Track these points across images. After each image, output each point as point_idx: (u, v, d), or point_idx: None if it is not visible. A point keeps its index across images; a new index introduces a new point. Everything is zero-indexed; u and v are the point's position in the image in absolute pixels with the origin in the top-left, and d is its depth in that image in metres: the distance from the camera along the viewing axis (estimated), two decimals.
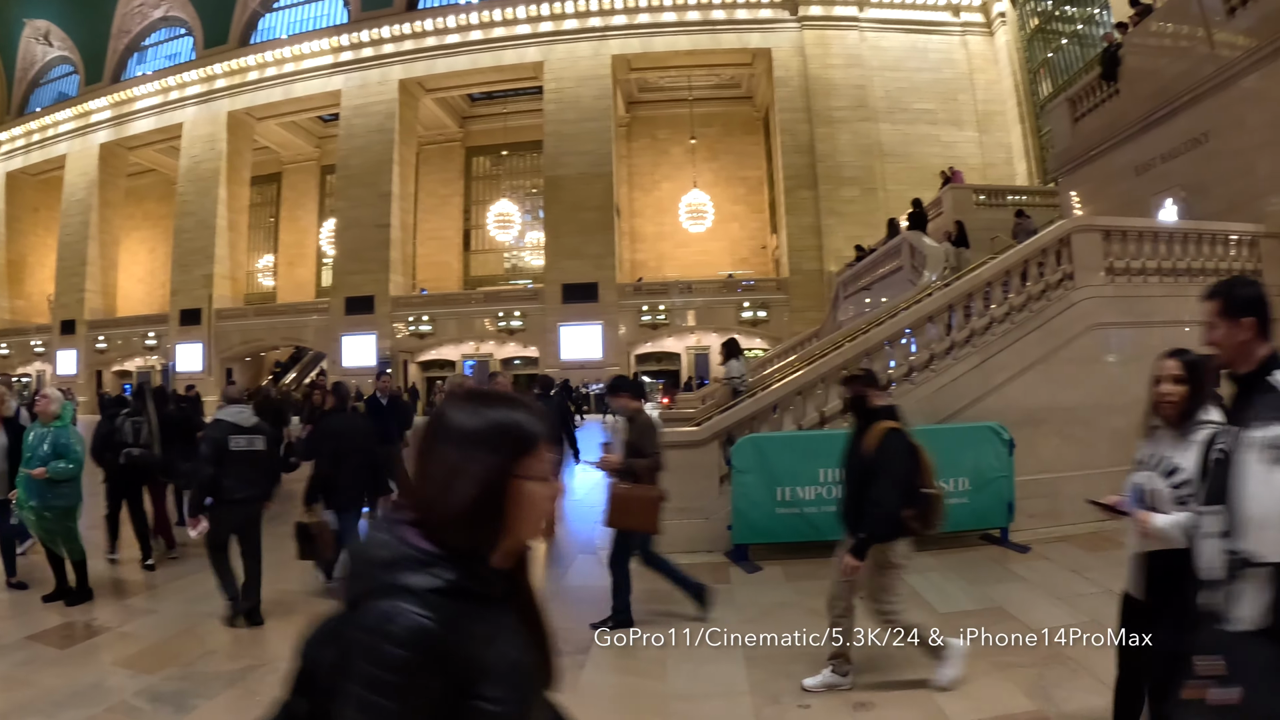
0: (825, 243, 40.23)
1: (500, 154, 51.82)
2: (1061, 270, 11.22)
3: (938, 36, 43.52)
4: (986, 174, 39.26)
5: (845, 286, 26.87)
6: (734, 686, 5.52)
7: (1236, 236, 12.43)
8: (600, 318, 41.84)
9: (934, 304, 11.11)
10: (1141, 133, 15.97)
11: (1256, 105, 13.17)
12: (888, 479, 5.15)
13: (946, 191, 25.31)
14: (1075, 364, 10.81)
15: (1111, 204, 16.54)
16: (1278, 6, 12.61)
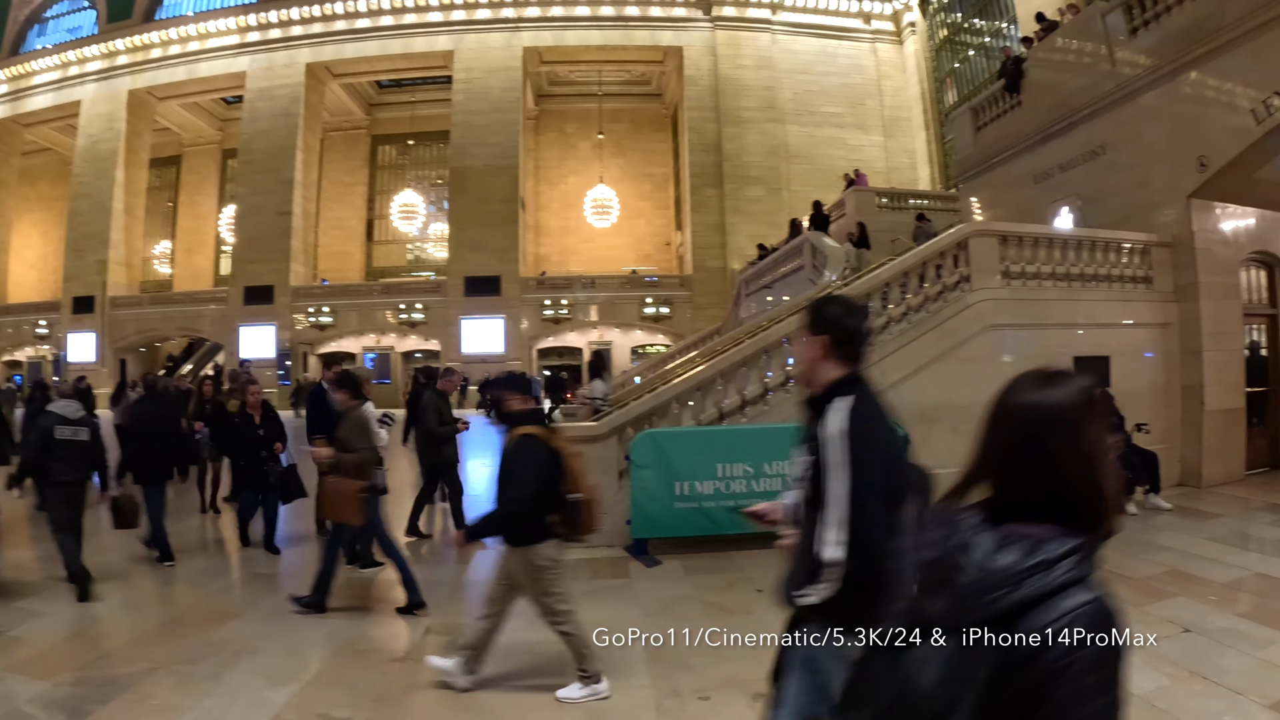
0: (729, 241, 40.56)
1: (407, 143, 50.92)
2: (959, 273, 11.46)
3: (848, 43, 44.12)
4: (890, 178, 39.87)
5: (747, 284, 26.96)
6: (633, 680, 5.51)
7: (1129, 245, 12.87)
8: (503, 311, 41.47)
9: None
10: (1041, 143, 16.34)
11: (1153, 121, 13.52)
12: (515, 484, 5.18)
13: (850, 194, 25.56)
14: (971, 363, 11.03)
15: (1010, 210, 16.88)
16: (1177, 29, 12.95)
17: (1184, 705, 4.88)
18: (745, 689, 5.10)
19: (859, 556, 2.67)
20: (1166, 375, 12.79)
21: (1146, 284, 12.94)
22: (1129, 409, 11.28)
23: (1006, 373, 6.12)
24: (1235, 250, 13.54)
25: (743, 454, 9.12)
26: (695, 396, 10.45)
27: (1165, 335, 12.83)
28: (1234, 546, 8.88)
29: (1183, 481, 12.52)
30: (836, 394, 2.90)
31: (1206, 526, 9.91)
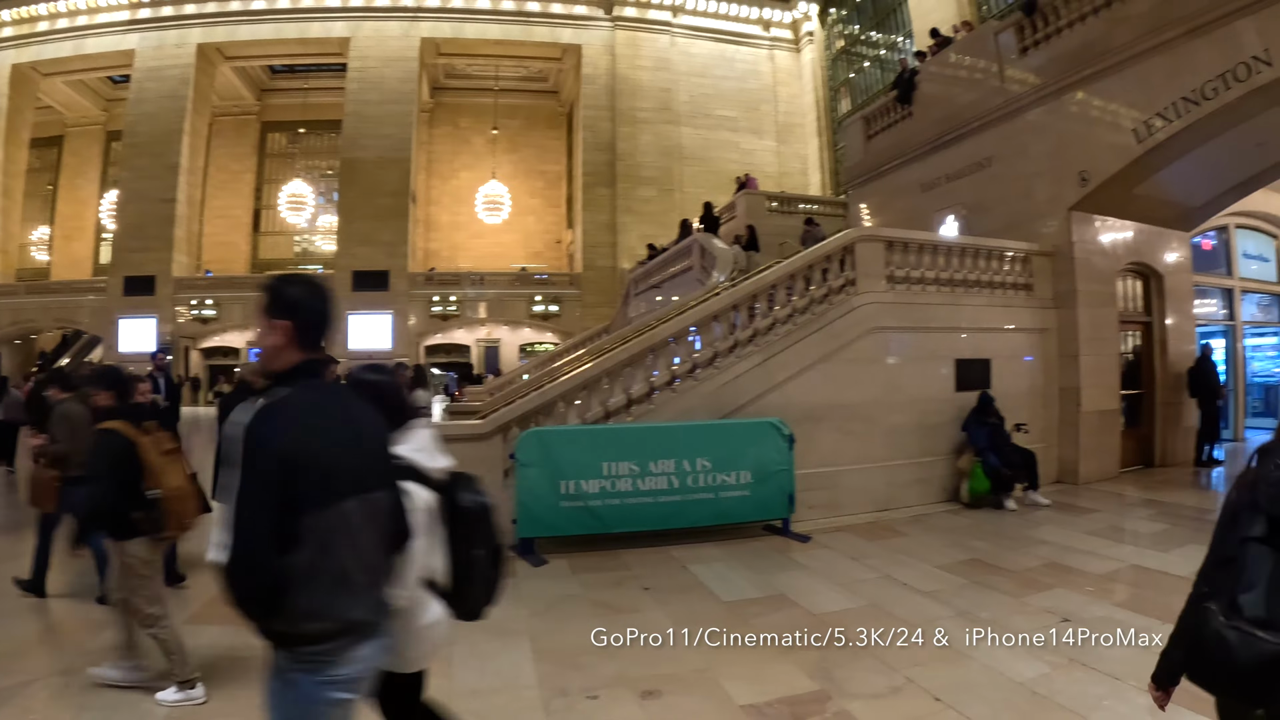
0: (620, 240, 40.55)
1: (298, 132, 49.46)
2: (845, 276, 11.61)
3: (746, 48, 44.53)
4: (782, 182, 40.26)
5: (636, 284, 26.98)
6: (521, 680, 5.42)
7: (1012, 253, 13.33)
8: (390, 307, 40.72)
9: (719, 303, 11.21)
10: (930, 153, 16.89)
11: (1038, 136, 14.14)
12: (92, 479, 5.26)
13: (740, 196, 25.74)
14: (855, 364, 11.24)
15: (898, 217, 17.35)
16: (1066, 51, 13.56)
17: (1065, 691, 5.06)
18: (634, 687, 5.17)
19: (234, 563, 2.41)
20: (1045, 378, 13.30)
21: (1027, 291, 13.42)
22: (1009, 410, 11.83)
23: (890, 374, 8.03)
24: (1113, 261, 14.24)
25: (628, 453, 9.13)
26: (581, 395, 10.43)
27: (1044, 340, 13.33)
28: (1109, 540, 9.26)
29: (1060, 479, 13.06)
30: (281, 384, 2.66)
31: (1083, 521, 10.34)
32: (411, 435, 3.28)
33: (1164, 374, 14.97)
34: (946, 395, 12.00)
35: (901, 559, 8.56)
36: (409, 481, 3.00)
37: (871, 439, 11.16)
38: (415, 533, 2.91)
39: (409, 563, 2.91)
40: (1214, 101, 11.42)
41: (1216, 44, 11.28)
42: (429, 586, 3.11)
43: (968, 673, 5.42)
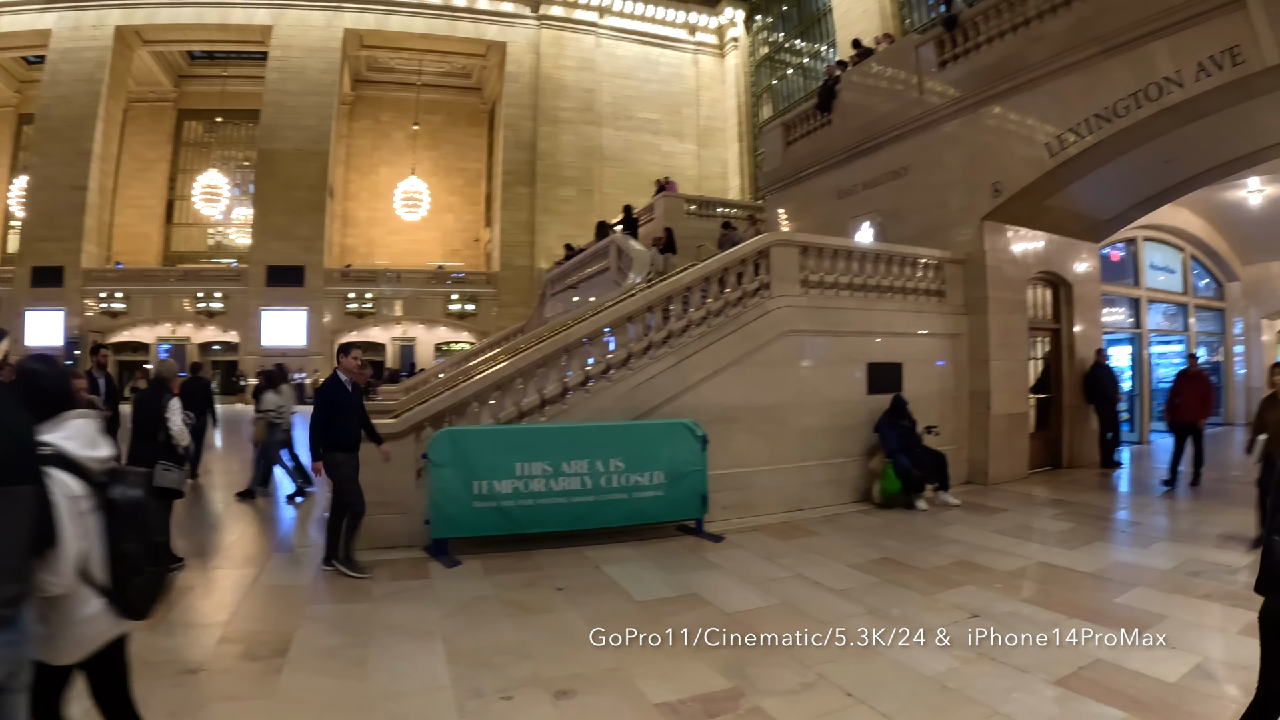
0: (538, 240, 40.56)
1: (215, 120, 47.84)
2: (759, 280, 11.69)
3: (671, 52, 44.82)
4: (701, 186, 40.50)
5: (553, 284, 26.92)
6: (436, 682, 5.31)
7: (925, 260, 13.57)
8: (305, 303, 40.12)
9: (634, 305, 11.18)
10: (847, 161, 17.09)
11: (954, 147, 14.43)
12: None
13: (659, 199, 25.78)
14: (768, 367, 11.33)
15: (814, 223, 17.59)
16: (985, 65, 13.90)
17: (974, 685, 5.16)
18: (548, 686, 5.15)
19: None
20: (956, 382, 13.57)
21: (939, 297, 13.68)
22: (920, 412, 12.07)
23: (803, 377, 8.21)
24: (1024, 269, 14.58)
25: (541, 453, 9.08)
26: (495, 395, 10.29)
27: (955, 345, 13.61)
28: (1017, 538, 9.49)
29: (971, 479, 13.37)
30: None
31: (992, 520, 10.58)
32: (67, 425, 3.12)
33: (1072, 379, 15.42)
34: (859, 398, 12.17)
35: (814, 558, 8.63)
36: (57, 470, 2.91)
37: (785, 440, 11.28)
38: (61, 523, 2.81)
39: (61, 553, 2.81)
40: (1126, 119, 11.82)
41: (1130, 64, 11.68)
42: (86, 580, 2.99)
43: (879, 668, 5.50)
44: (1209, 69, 10.82)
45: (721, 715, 4.77)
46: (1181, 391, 13.11)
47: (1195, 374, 13.28)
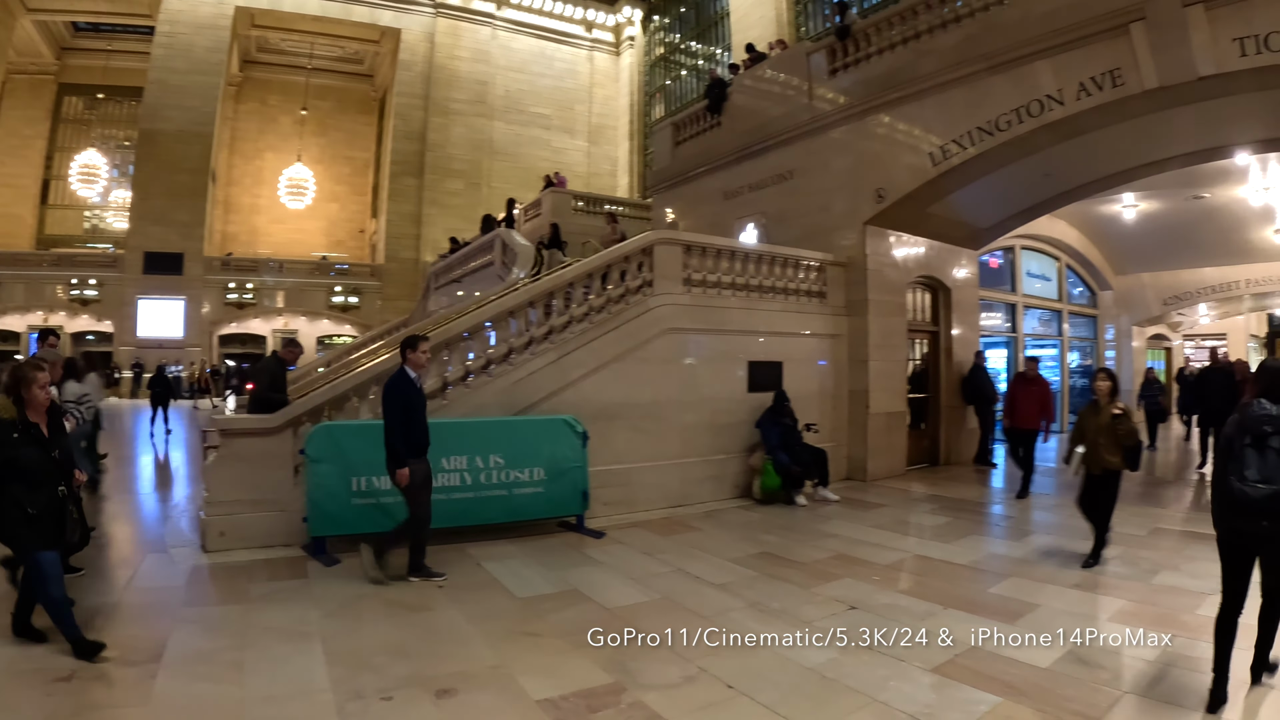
0: (424, 232, 40.13)
1: (97, 97, 45.95)
2: (642, 277, 11.72)
3: (567, 48, 44.72)
4: (590, 183, 40.69)
5: (437, 278, 26.77)
6: (315, 684, 5.16)
7: (808, 262, 13.81)
8: (184, 292, 38.78)
9: (516, 299, 11.10)
10: (735, 163, 17.33)
11: (839, 153, 14.79)
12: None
13: (547, 194, 25.81)
14: (650, 364, 11.38)
15: (700, 222, 17.79)
16: (874, 75, 14.28)
17: (853, 674, 5.27)
18: (429, 686, 5.08)
19: None
20: (836, 381, 13.88)
21: (821, 298, 13.93)
22: (800, 410, 12.28)
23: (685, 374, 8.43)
24: (904, 273, 14.99)
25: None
26: (375, 389, 9.84)
27: (836, 345, 13.91)
28: (895, 532, 9.74)
29: (850, 476, 13.69)
30: None
31: (870, 515, 10.85)
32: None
33: (949, 380, 15.92)
34: (739, 396, 12.33)
35: (695, 553, 8.70)
36: None
37: (666, 437, 11.33)
38: None
39: None
40: (1007, 133, 12.29)
41: (1014, 81, 12.15)
42: None
43: (759, 660, 5.55)
44: (1090, 89, 11.35)
45: (603, 710, 4.78)
46: (1018, 396, 12.62)
47: (1033, 378, 12.68)
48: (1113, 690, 4.99)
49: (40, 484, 5.45)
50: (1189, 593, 7.08)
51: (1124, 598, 6.97)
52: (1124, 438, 8.00)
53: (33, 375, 5.60)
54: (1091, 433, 8.20)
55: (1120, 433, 7.99)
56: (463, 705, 4.85)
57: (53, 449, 5.65)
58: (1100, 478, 8.13)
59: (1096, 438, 8.12)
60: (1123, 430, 7.98)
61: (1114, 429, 8.01)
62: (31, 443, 5.49)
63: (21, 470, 5.35)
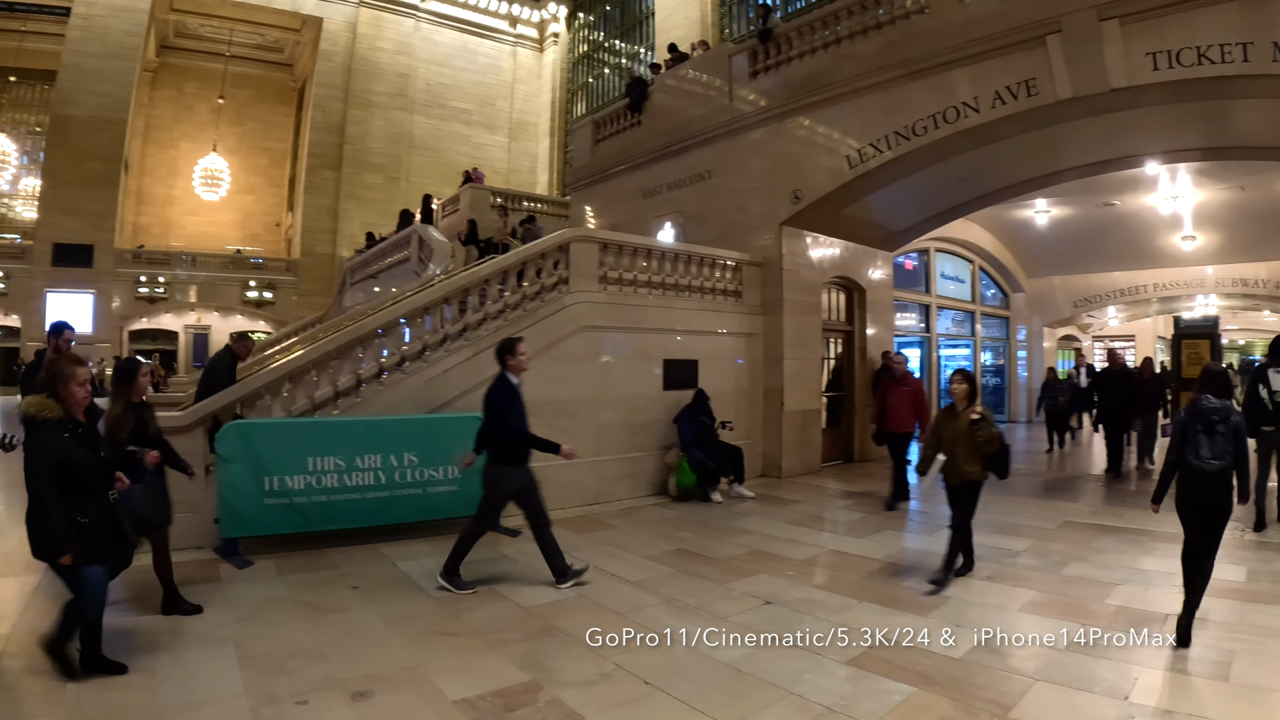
0: (341, 227, 39.46)
1: (8, 79, 43.36)
2: (558, 275, 11.74)
3: (490, 42, 44.27)
4: (510, 179, 40.48)
5: (353, 273, 26.53)
6: (229, 690, 5.02)
7: (725, 261, 13.96)
8: (93, 285, 37.25)
9: (431, 296, 11.05)
10: (654, 162, 17.43)
11: (758, 154, 14.97)
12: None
13: (465, 190, 25.72)
14: (565, 361, 11.39)
15: (618, 221, 17.92)
16: (795, 78, 14.50)
17: (769, 668, 5.33)
18: (344, 689, 5.02)
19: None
20: (751, 379, 14.05)
21: (737, 297, 14.11)
22: (717, 408, 12.44)
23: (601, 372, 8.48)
24: (820, 274, 15.25)
25: (334, 447, 8.82)
26: (287, 386, 9.87)
27: (751, 344, 14.09)
28: (810, 528, 9.89)
29: (765, 473, 13.89)
30: None
31: (785, 511, 10.99)
32: None
33: (863, 378, 16.17)
34: (655, 394, 12.43)
35: (611, 551, 8.76)
36: None
37: (582, 435, 11.11)
38: None
39: None
40: (924, 138, 12.58)
41: (932, 88, 12.46)
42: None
43: (675, 656, 5.59)
44: (1005, 98, 11.71)
45: (521, 709, 4.77)
46: (889, 398, 11.91)
47: (903, 377, 12.10)
48: (1025, 678, 5.12)
49: (90, 490, 5.11)
50: (1098, 583, 7.31)
51: (1034, 589, 7.16)
52: (983, 445, 7.35)
53: (71, 371, 5.20)
54: (948, 440, 7.63)
55: (979, 439, 7.34)
56: (379, 707, 4.80)
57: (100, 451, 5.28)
58: (957, 489, 7.57)
59: (954, 445, 7.56)
60: (981, 436, 7.33)
61: (972, 435, 7.37)
62: (83, 443, 5.11)
63: (73, 474, 4.97)
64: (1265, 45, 9.73)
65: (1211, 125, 12.25)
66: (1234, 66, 9.99)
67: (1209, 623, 6.06)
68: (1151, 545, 8.86)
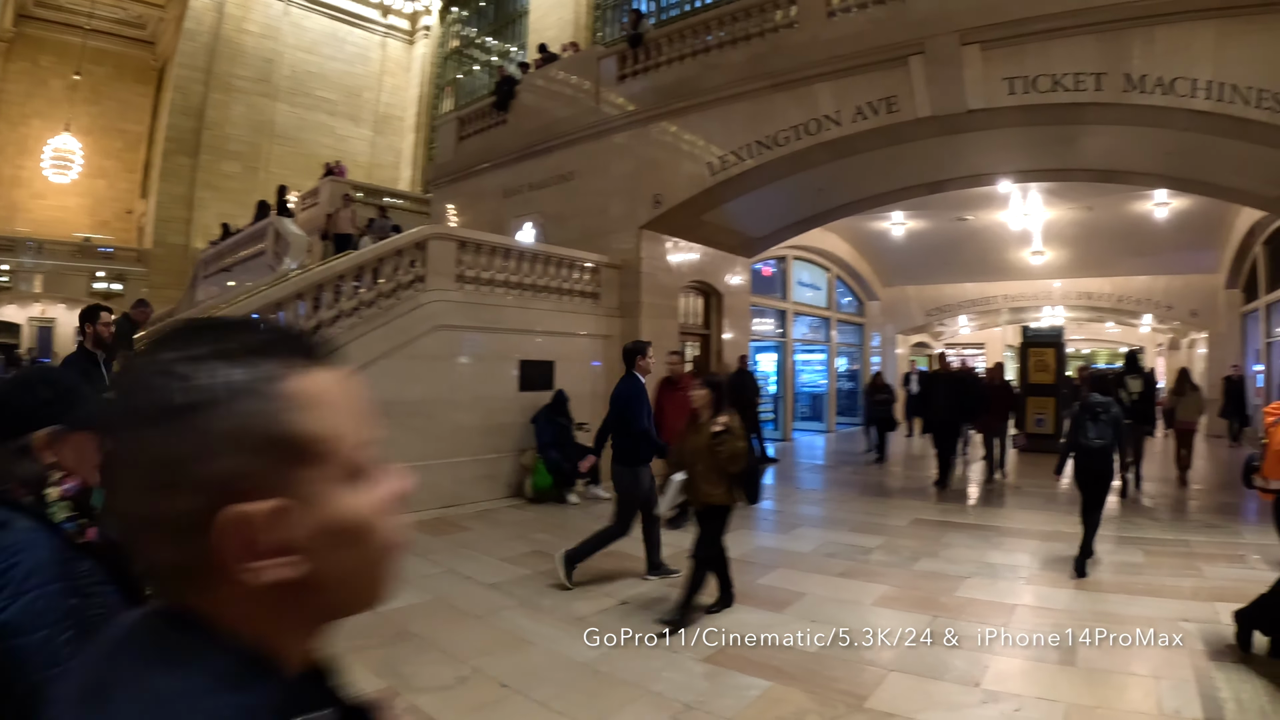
0: (196, 216, 37.76)
1: None
2: (415, 272, 11.65)
3: (361, 32, 43.09)
4: (373, 174, 39.38)
5: (206, 266, 25.64)
6: None
7: (583, 263, 14.12)
8: None
9: (284, 291, 10.93)
10: (517, 161, 17.37)
11: (620, 158, 15.11)
12: None
13: (325, 183, 25.12)
14: (420, 361, 11.30)
15: (479, 219, 17.72)
16: (662, 84, 14.72)
17: (626, 667, 5.40)
18: None
19: None
20: (607, 381, 13.84)
21: (595, 299, 14.27)
22: (574, 409, 12.54)
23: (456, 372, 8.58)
24: (678, 278, 15.50)
25: None
26: None
27: (608, 346, 14.13)
28: (666, 527, 9.89)
29: None
30: None
31: None
32: None
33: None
34: (511, 395, 12.44)
35: (466, 553, 8.71)
36: None
37: (437, 436, 11.24)
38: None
39: None
40: (786, 148, 12.94)
41: (796, 100, 12.82)
42: None
43: (532, 658, 5.61)
44: (866, 113, 12.16)
45: None
46: (665, 406, 10.97)
47: (680, 381, 11.13)
48: (879, 669, 5.28)
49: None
50: (948, 577, 7.66)
51: (887, 583, 7.43)
52: (726, 463, 6.23)
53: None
54: (689, 457, 6.48)
55: (721, 456, 6.21)
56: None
57: None
58: (702, 514, 6.50)
59: (694, 463, 6.41)
60: (724, 452, 6.20)
61: (713, 451, 6.23)
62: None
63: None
64: (1118, 76, 10.42)
65: (1062, 148, 13.04)
66: (1087, 94, 10.68)
67: (1056, 611, 6.48)
68: (999, 540, 9.45)
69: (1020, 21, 10.94)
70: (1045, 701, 4.83)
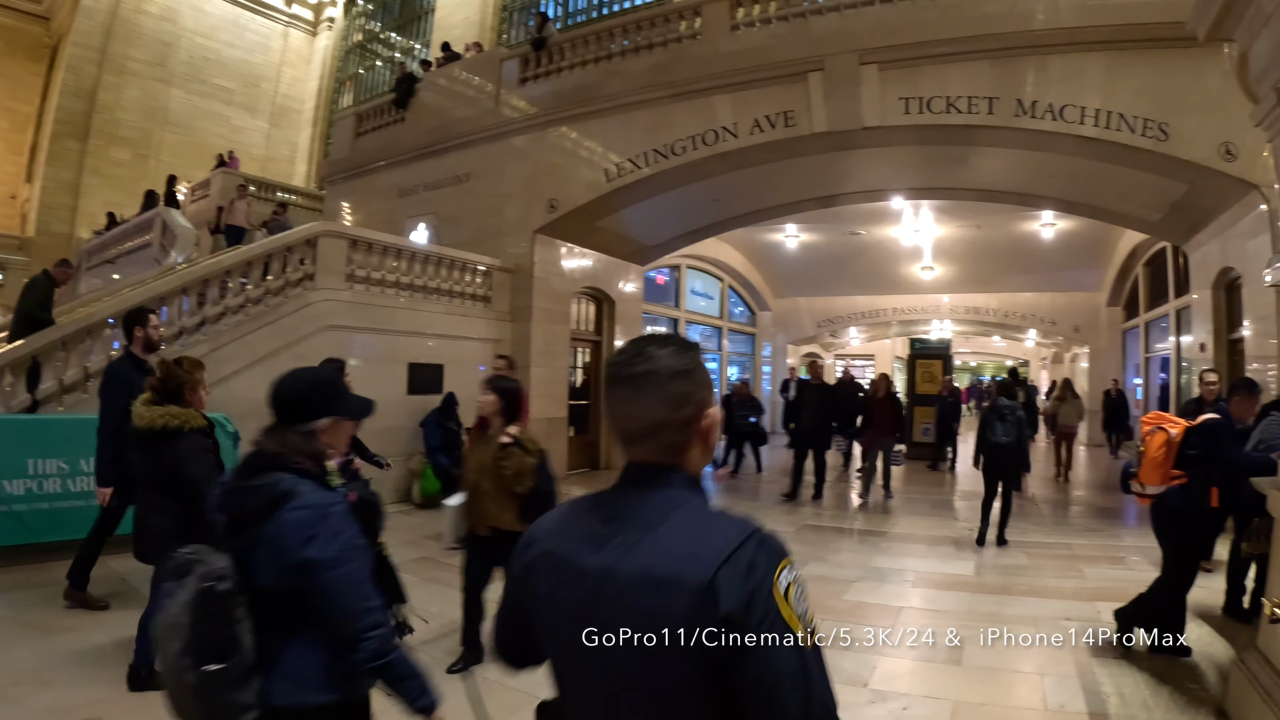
0: (82, 204, 36.19)
1: None
2: (304, 270, 11.46)
3: (263, 20, 41.90)
4: (268, 167, 38.33)
5: (90, 256, 25.11)
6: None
7: (476, 266, 14.08)
8: None
9: (168, 285, 10.54)
10: (414, 160, 17.27)
11: (518, 161, 15.15)
12: None
13: (218, 175, 24.80)
14: (308, 361, 10.56)
15: (372, 218, 17.59)
16: (563, 89, 14.86)
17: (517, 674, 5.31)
18: (73, 715, 4.64)
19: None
20: None
21: (486, 302, 14.25)
22: (462, 414, 12.35)
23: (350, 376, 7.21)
24: (570, 283, 15.58)
25: (57, 448, 8.05)
26: (8, 380, 9.01)
27: (499, 350, 13.96)
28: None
29: None
30: None
31: None
32: None
33: None
34: (400, 398, 12.28)
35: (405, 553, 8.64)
36: None
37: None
38: None
39: None
40: (682, 157, 13.16)
41: (695, 111, 13.05)
42: None
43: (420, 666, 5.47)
44: (763, 126, 12.45)
45: None
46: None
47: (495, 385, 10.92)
48: None
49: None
50: (836, 580, 7.89)
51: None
52: (511, 481, 5.12)
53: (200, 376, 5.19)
54: (474, 474, 5.44)
55: (506, 475, 5.13)
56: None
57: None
58: (487, 542, 5.47)
59: (479, 481, 5.36)
60: (509, 471, 5.11)
61: (497, 467, 5.17)
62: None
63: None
64: (1009, 101, 10.90)
65: (954, 168, 13.54)
66: (979, 117, 11.12)
67: (943, 613, 6.72)
68: (885, 545, 9.77)
69: (919, 45, 11.35)
70: (932, 700, 4.99)
